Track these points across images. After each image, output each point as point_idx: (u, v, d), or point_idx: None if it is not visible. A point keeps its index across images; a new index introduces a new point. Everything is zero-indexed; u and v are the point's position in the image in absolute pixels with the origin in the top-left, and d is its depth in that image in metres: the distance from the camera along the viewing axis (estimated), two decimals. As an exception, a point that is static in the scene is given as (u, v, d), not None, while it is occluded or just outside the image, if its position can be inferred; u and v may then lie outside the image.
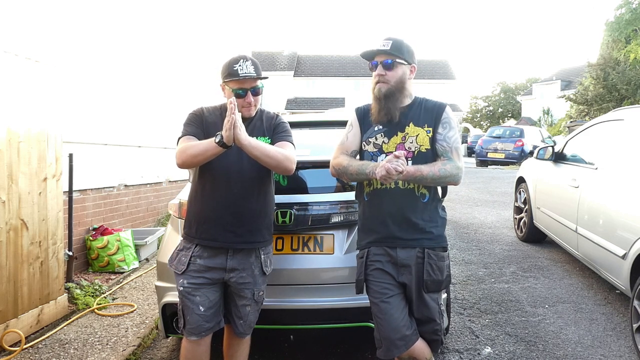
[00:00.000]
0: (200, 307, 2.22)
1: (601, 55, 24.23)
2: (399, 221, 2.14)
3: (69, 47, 4.57)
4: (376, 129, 2.21)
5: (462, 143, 33.19)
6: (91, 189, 5.00)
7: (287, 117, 3.86)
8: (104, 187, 5.25)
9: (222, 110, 2.30)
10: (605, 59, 23.20)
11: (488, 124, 51.78)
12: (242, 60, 2.21)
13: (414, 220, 2.14)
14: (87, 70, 4.89)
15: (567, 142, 5.17)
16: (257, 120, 2.34)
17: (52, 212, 3.59)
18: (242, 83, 2.21)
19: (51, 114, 3.62)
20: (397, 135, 2.17)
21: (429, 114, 2.19)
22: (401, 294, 2.17)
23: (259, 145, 2.11)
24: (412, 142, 2.16)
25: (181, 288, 2.23)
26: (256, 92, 2.26)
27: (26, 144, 3.32)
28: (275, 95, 36.35)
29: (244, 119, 2.26)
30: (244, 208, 2.22)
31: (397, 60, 2.15)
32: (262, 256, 2.31)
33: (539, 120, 36.05)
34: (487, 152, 18.81)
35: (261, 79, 2.27)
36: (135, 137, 5.93)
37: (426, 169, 2.08)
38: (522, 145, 17.86)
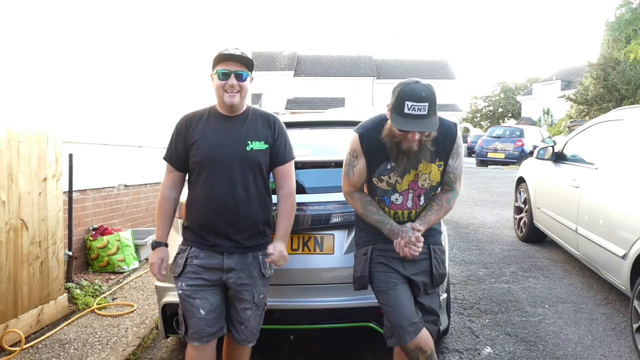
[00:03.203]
0: (201, 311, 2.17)
1: (601, 55, 24.25)
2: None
3: (69, 47, 4.56)
4: (388, 167, 2.13)
5: (462, 143, 33.25)
6: (91, 189, 5.00)
7: (287, 117, 3.87)
8: (104, 187, 5.25)
9: (210, 113, 2.26)
10: (605, 58, 23.22)
11: (488, 124, 51.80)
12: (230, 47, 2.20)
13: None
14: (88, 71, 4.89)
15: (567, 142, 5.17)
16: (251, 121, 2.24)
17: (52, 212, 3.59)
18: (227, 64, 2.15)
19: (51, 114, 3.62)
20: (409, 174, 2.13)
21: (440, 145, 2.12)
22: (406, 284, 2.20)
23: (285, 234, 2.26)
24: (425, 180, 2.16)
25: (180, 291, 2.20)
26: (239, 76, 2.15)
27: (26, 144, 3.31)
28: (275, 95, 36.34)
29: (229, 110, 2.20)
30: (239, 216, 2.18)
31: (434, 120, 1.94)
32: (260, 257, 2.25)
33: (539, 120, 36.05)
34: (487, 152, 18.83)
35: (248, 60, 2.16)
36: (135, 137, 5.93)
37: (434, 217, 2.19)
38: (522, 145, 17.87)
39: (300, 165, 2.81)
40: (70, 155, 4.29)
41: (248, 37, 10.79)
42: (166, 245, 2.28)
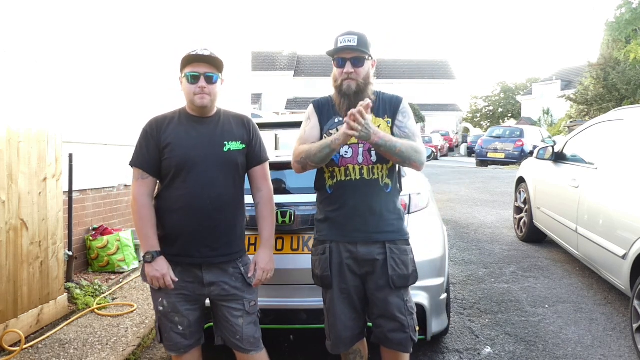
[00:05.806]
0: (179, 327, 2.12)
1: (601, 55, 24.26)
2: (364, 213, 2.13)
3: (69, 47, 4.56)
4: (337, 120, 2.20)
5: (462, 143, 33.29)
6: (91, 189, 5.00)
7: (287, 117, 3.89)
8: (104, 187, 5.25)
9: (180, 115, 2.19)
10: (605, 58, 23.23)
11: (488, 124, 51.79)
12: (199, 48, 2.14)
13: (378, 211, 2.14)
14: (88, 71, 4.89)
15: (567, 142, 5.17)
16: (224, 122, 2.17)
17: (52, 212, 3.59)
18: (195, 66, 2.09)
19: (51, 114, 3.62)
20: None
21: (388, 105, 2.22)
22: (358, 292, 2.20)
23: (270, 237, 2.21)
24: None
25: (161, 308, 2.11)
26: (209, 79, 2.09)
27: (26, 144, 3.32)
28: (275, 95, 36.39)
29: (200, 112, 2.13)
30: (219, 220, 2.09)
31: (364, 56, 2.12)
32: (242, 268, 2.16)
33: (539, 120, 36.04)
34: (487, 152, 18.84)
35: (217, 61, 2.10)
36: (135, 137, 5.91)
37: (396, 138, 2.06)
38: (522, 145, 17.90)
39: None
40: (70, 155, 4.29)
41: (248, 37, 10.80)
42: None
